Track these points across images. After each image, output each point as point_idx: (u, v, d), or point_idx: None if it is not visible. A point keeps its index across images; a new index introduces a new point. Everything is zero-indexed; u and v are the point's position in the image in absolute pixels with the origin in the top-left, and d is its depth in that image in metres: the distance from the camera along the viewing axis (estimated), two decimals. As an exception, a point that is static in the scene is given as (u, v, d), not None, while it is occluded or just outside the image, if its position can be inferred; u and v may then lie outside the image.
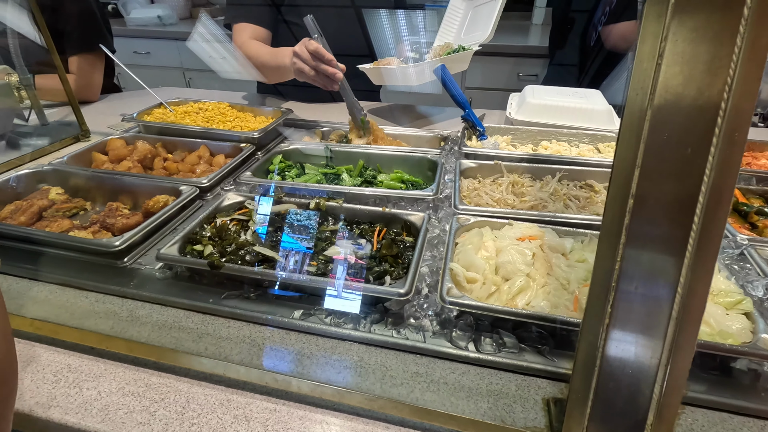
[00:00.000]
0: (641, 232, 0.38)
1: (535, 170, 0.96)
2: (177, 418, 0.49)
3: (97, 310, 0.63)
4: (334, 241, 0.73)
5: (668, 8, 0.33)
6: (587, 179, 0.94)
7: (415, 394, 0.51)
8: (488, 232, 0.71)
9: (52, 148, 1.13)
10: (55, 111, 1.34)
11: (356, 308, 0.62)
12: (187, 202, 0.85)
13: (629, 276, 0.39)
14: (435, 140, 1.17)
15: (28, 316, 0.61)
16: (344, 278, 0.65)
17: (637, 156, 0.36)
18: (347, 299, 0.63)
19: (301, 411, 0.50)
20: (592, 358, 0.41)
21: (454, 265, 0.63)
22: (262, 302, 0.64)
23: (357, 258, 0.69)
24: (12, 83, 1.15)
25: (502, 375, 0.54)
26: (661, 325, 0.39)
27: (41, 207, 0.85)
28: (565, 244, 0.69)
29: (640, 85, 0.35)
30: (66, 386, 0.52)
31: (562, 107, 1.18)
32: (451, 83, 1.12)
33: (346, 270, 0.67)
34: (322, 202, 0.80)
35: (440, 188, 0.87)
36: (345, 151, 1.05)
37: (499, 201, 0.85)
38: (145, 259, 0.73)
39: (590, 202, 0.87)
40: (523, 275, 0.63)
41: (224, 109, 1.26)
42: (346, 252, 0.69)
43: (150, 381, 0.53)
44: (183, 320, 0.62)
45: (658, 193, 0.37)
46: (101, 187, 0.93)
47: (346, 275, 0.66)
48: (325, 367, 0.54)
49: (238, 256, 0.69)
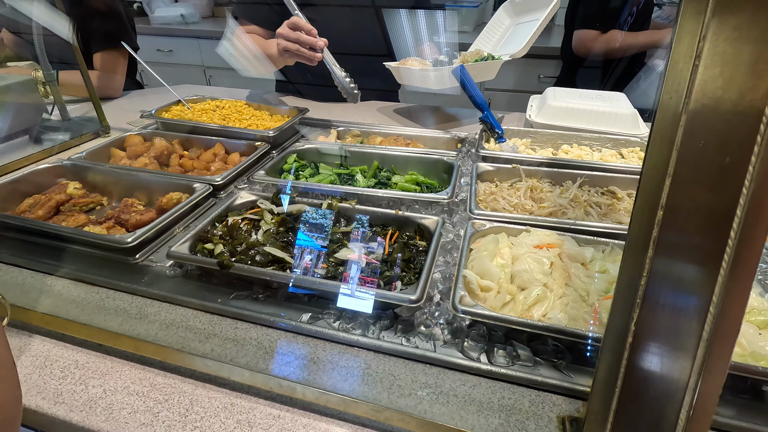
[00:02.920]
0: (671, 245, 0.35)
1: (555, 175, 0.93)
2: (180, 421, 0.48)
3: (107, 306, 0.63)
4: (346, 243, 0.71)
5: (708, 5, 0.30)
6: (609, 186, 0.90)
7: (423, 406, 0.49)
8: (504, 238, 0.69)
9: (72, 143, 1.15)
10: (77, 107, 1.36)
11: (365, 313, 0.60)
12: (200, 199, 0.84)
13: (656, 291, 0.36)
14: (452, 142, 1.14)
15: (39, 311, 0.61)
16: (354, 282, 0.63)
17: (669, 164, 0.34)
18: (356, 304, 0.62)
19: (305, 419, 0.49)
20: (613, 377, 0.39)
21: (468, 272, 0.61)
22: (271, 304, 0.63)
23: (368, 261, 0.67)
24: (37, 78, 1.17)
25: (515, 389, 0.52)
26: (690, 346, 0.36)
27: (59, 201, 0.86)
28: (585, 254, 0.66)
29: (674, 87, 0.33)
30: (72, 383, 0.52)
31: (584, 110, 1.14)
32: (470, 84, 1.10)
33: (357, 274, 0.65)
34: (335, 203, 0.79)
35: (456, 191, 0.85)
36: (360, 152, 1.04)
37: (516, 206, 0.82)
38: (157, 256, 0.73)
39: (612, 210, 0.83)
40: (540, 285, 0.60)
41: (241, 107, 1.27)
42: (356, 255, 0.67)
43: (155, 381, 0.53)
44: (191, 320, 0.61)
45: (690, 204, 0.34)
46: (118, 183, 0.94)
47: (356, 279, 0.64)
48: (332, 374, 0.53)
49: (248, 256, 0.68)
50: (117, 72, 1.50)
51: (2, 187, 0.87)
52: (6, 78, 1.14)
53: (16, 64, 1.34)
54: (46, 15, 1.12)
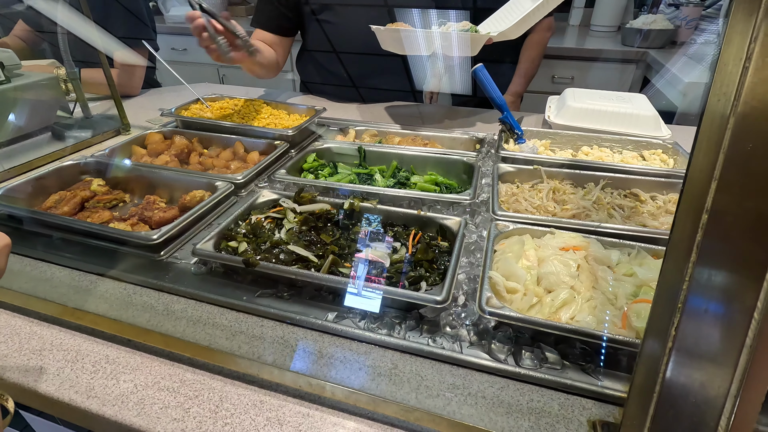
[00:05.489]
0: (715, 251, 0.34)
1: (576, 177, 0.92)
2: (210, 417, 0.48)
3: (134, 302, 0.64)
4: (369, 243, 0.71)
5: (761, 6, 0.30)
6: (632, 188, 0.90)
7: (452, 407, 0.49)
8: (529, 240, 0.69)
9: (94, 140, 1.16)
10: (98, 104, 1.38)
11: (390, 313, 0.61)
12: (222, 197, 0.85)
13: (698, 297, 0.36)
14: (470, 142, 1.14)
15: (70, 306, 0.62)
16: (378, 282, 0.63)
17: (715, 168, 0.33)
18: (381, 303, 0.62)
19: (334, 417, 0.49)
20: (651, 383, 0.38)
21: (494, 274, 0.61)
22: (296, 302, 0.63)
23: (391, 261, 0.67)
24: (60, 76, 1.19)
25: (543, 392, 0.51)
26: (732, 353, 0.36)
27: (83, 198, 0.87)
28: (612, 257, 0.65)
29: (723, 90, 0.32)
30: (104, 377, 0.53)
31: (604, 111, 1.13)
32: (489, 84, 1.09)
33: (381, 273, 0.65)
34: (357, 203, 0.79)
35: (477, 192, 0.84)
36: (378, 151, 1.04)
37: (539, 208, 0.82)
38: (181, 253, 0.74)
39: (635, 213, 0.83)
40: (567, 287, 0.60)
41: (259, 105, 1.27)
42: (380, 255, 0.67)
43: (185, 377, 0.53)
44: (217, 317, 0.62)
45: (737, 209, 0.33)
46: (139, 180, 0.95)
47: (381, 279, 0.64)
48: (359, 373, 0.53)
49: (273, 254, 0.68)
50: (136, 71, 1.52)
51: (28, 183, 0.88)
52: (30, 76, 1.16)
53: (39, 62, 1.36)
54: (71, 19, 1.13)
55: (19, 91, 1.10)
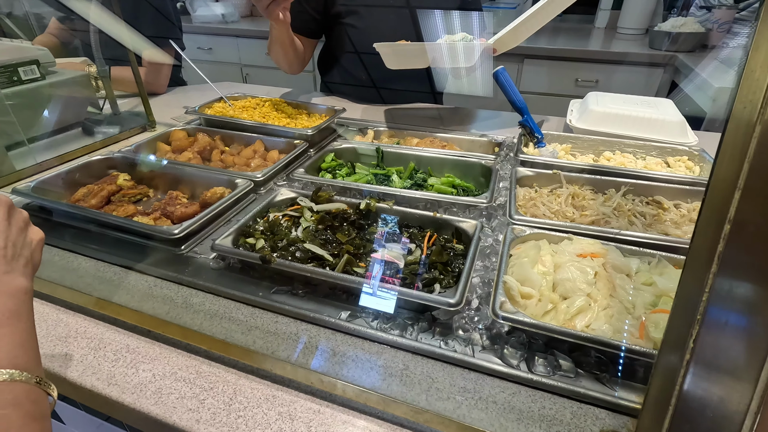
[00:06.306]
0: (737, 262, 0.34)
1: (597, 182, 0.90)
2: (224, 409, 0.50)
3: (155, 294, 0.66)
4: (384, 243, 0.72)
5: (791, 12, 0.29)
6: (655, 195, 0.87)
7: (462, 411, 0.49)
8: (546, 245, 0.68)
9: (121, 136, 1.20)
10: (125, 101, 1.43)
11: (403, 314, 0.61)
12: (241, 195, 0.87)
13: (718, 309, 0.35)
14: (488, 145, 1.13)
15: (95, 295, 0.64)
16: (392, 282, 0.63)
17: (740, 177, 0.32)
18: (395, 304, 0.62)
19: (344, 415, 0.49)
20: (666, 395, 0.37)
21: (509, 278, 0.60)
22: (310, 300, 0.64)
23: (406, 263, 0.67)
24: (91, 74, 1.23)
25: (556, 400, 0.51)
26: (753, 368, 0.35)
27: (110, 192, 0.90)
28: (631, 265, 0.64)
29: (749, 97, 0.31)
30: (124, 366, 0.55)
31: (628, 116, 1.11)
32: (510, 87, 1.08)
33: (395, 274, 0.65)
34: (373, 203, 0.79)
35: (494, 196, 0.84)
36: (396, 152, 1.04)
37: (557, 213, 0.81)
38: (201, 248, 0.76)
39: (657, 220, 0.81)
40: (584, 295, 0.59)
41: (280, 105, 1.29)
42: (395, 255, 0.68)
43: (201, 369, 0.55)
44: (233, 311, 0.63)
45: (761, 219, 0.32)
46: (163, 176, 0.98)
47: (394, 279, 0.65)
48: (370, 373, 0.53)
49: (289, 252, 0.69)
50: (163, 69, 1.56)
51: (58, 176, 0.92)
52: (63, 73, 1.21)
53: (71, 60, 1.41)
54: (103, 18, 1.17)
55: (53, 88, 1.15)
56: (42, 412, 0.40)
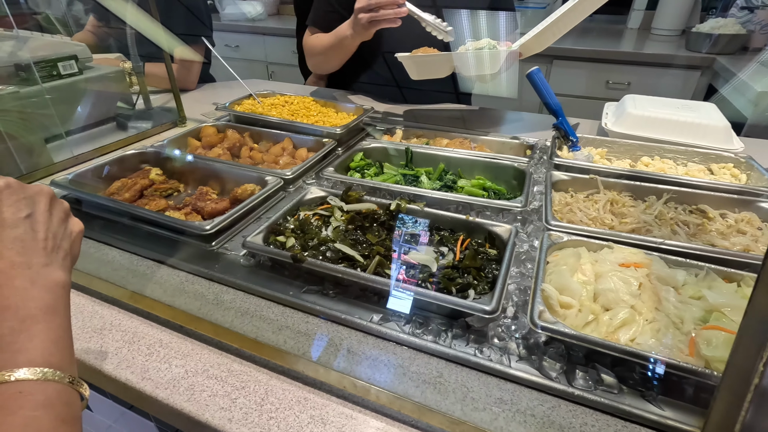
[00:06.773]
0: (818, 281, 0.31)
1: (635, 188, 0.87)
2: (256, 409, 0.49)
3: (186, 289, 0.66)
4: (415, 246, 0.70)
5: None
6: (699, 203, 0.83)
7: (500, 423, 0.47)
8: (585, 253, 0.65)
9: (153, 131, 1.22)
10: (157, 97, 1.45)
11: (437, 319, 0.59)
12: (271, 192, 0.87)
13: (794, 331, 0.32)
14: (520, 148, 1.10)
15: (129, 289, 0.65)
16: (425, 286, 0.62)
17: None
18: (427, 309, 0.61)
19: (377, 422, 0.48)
20: (730, 422, 0.35)
21: (547, 287, 0.58)
22: (341, 301, 0.63)
23: (438, 266, 0.66)
24: (126, 70, 1.26)
25: (598, 416, 0.48)
26: (831, 396, 0.32)
27: (143, 186, 0.91)
28: (677, 277, 0.61)
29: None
30: (157, 360, 0.55)
31: (668, 120, 1.06)
32: (545, 88, 1.06)
33: (427, 278, 0.64)
34: (404, 205, 0.78)
35: (529, 199, 0.81)
36: (425, 153, 1.03)
37: (595, 220, 0.78)
38: (231, 244, 0.76)
39: (702, 230, 0.77)
40: (627, 307, 0.56)
41: (309, 103, 1.29)
42: (427, 259, 0.66)
43: (232, 367, 0.54)
44: (264, 309, 0.62)
45: None
46: (193, 171, 0.99)
47: (427, 283, 0.63)
48: (403, 379, 0.52)
49: (319, 251, 0.69)
50: (195, 66, 1.58)
51: (94, 169, 0.94)
52: (99, 68, 1.23)
53: (107, 56, 1.44)
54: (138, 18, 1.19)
55: (89, 83, 1.18)
56: (73, 414, 0.37)
